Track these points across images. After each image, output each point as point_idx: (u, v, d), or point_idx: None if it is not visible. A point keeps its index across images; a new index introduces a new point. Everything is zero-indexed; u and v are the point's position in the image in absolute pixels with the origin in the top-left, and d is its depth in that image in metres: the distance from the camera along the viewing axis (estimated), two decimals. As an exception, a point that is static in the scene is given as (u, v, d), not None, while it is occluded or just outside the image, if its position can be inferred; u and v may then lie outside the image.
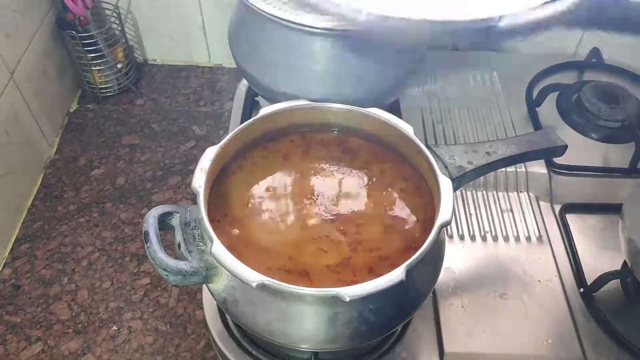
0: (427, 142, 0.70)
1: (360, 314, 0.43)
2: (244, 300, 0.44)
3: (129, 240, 0.84)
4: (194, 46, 1.10)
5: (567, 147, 0.56)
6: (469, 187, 0.69)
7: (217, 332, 0.55)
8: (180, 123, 1.02)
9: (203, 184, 0.46)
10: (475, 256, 0.63)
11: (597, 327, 0.57)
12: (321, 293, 0.41)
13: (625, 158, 0.71)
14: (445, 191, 0.46)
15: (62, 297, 0.77)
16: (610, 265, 0.62)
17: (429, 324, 0.56)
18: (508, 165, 0.58)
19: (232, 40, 0.66)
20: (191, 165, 0.95)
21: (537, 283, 0.61)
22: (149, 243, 0.44)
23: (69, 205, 0.88)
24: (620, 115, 0.74)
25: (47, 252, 0.82)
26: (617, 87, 0.78)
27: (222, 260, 0.41)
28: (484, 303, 0.59)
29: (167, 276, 0.44)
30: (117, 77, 1.04)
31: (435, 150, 0.53)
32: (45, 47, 0.94)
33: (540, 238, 0.65)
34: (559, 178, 0.70)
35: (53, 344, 0.73)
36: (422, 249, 0.42)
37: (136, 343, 0.73)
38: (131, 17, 1.06)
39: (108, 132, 1.00)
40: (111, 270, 0.80)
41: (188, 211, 0.47)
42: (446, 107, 0.79)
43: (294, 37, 0.58)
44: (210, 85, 1.09)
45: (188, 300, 0.77)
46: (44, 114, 0.94)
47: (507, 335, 0.56)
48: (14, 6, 0.85)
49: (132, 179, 0.92)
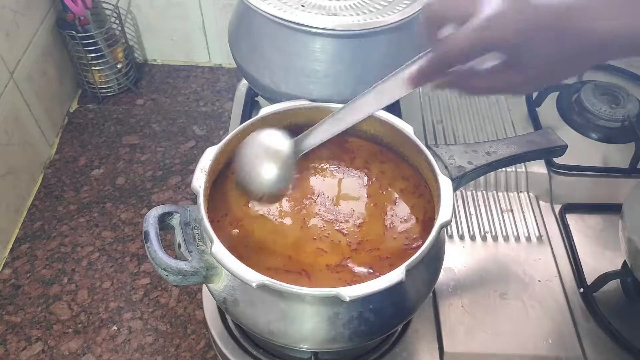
0: (427, 142, 0.70)
1: (360, 314, 0.43)
2: (244, 300, 0.44)
3: (129, 240, 0.84)
4: (194, 46, 1.10)
5: (567, 147, 0.56)
6: (469, 187, 0.69)
7: (217, 332, 0.55)
8: (180, 123, 1.02)
9: (203, 183, 0.46)
10: (475, 256, 0.63)
11: (597, 327, 0.57)
12: (321, 293, 0.41)
13: (625, 158, 0.71)
14: (445, 191, 0.46)
15: (62, 297, 0.77)
16: (610, 265, 0.62)
17: (429, 324, 0.56)
18: (508, 166, 0.58)
19: (232, 40, 0.66)
20: (191, 165, 0.95)
21: (537, 283, 0.61)
22: (149, 243, 0.44)
23: (69, 205, 0.88)
24: (620, 115, 0.74)
25: (47, 252, 0.82)
26: (617, 87, 0.78)
27: (222, 260, 0.41)
28: (484, 303, 0.59)
29: (167, 276, 0.44)
30: (117, 77, 1.04)
31: (435, 150, 0.53)
32: (45, 47, 0.94)
33: (540, 238, 0.65)
34: (559, 178, 0.70)
35: (53, 344, 0.73)
36: (422, 249, 0.42)
37: (136, 343, 0.73)
38: (131, 17, 1.06)
39: (108, 132, 1.00)
40: (111, 270, 0.80)
41: (188, 211, 0.48)
42: (446, 107, 0.79)
43: (294, 37, 0.58)
44: (210, 85, 1.09)
45: (188, 300, 0.77)
46: (44, 114, 0.94)
47: (507, 335, 0.56)
48: (14, 6, 0.85)
49: (132, 179, 0.92)
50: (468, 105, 0.79)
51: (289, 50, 0.59)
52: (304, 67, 0.59)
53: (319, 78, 0.60)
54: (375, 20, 0.58)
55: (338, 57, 0.59)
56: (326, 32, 0.56)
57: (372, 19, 0.59)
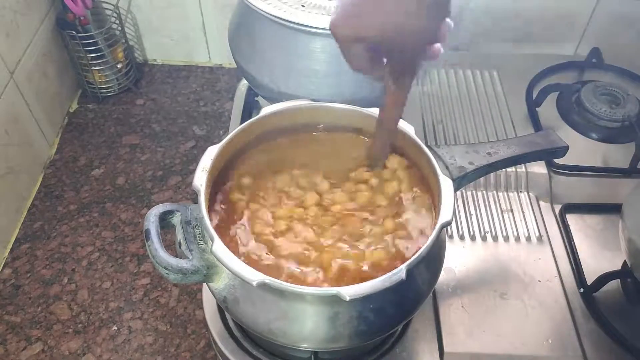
0: (427, 142, 0.70)
1: (360, 314, 0.43)
2: (244, 299, 0.44)
3: (129, 240, 0.84)
4: (194, 46, 1.10)
5: (568, 148, 0.56)
6: (469, 187, 0.69)
7: (217, 332, 0.55)
8: (180, 123, 1.02)
9: (204, 182, 0.46)
10: (475, 256, 0.63)
11: (597, 327, 0.57)
12: (321, 292, 0.41)
13: (625, 158, 0.71)
14: (446, 191, 0.46)
15: (62, 297, 0.77)
16: (610, 265, 0.62)
17: (429, 324, 0.56)
18: (509, 166, 0.58)
19: (232, 40, 0.66)
20: (191, 165, 0.95)
21: (537, 283, 0.61)
22: (150, 241, 0.44)
23: (69, 205, 0.88)
24: (620, 115, 0.74)
25: (47, 252, 0.82)
26: (617, 87, 0.78)
27: (223, 258, 0.41)
28: (484, 303, 0.59)
29: (167, 274, 0.44)
30: (117, 77, 1.04)
31: (436, 150, 0.53)
32: (45, 47, 0.94)
33: (540, 238, 0.65)
34: (559, 178, 0.70)
35: (53, 344, 0.73)
36: (422, 249, 0.42)
37: (136, 343, 0.73)
38: (131, 17, 1.06)
39: (108, 132, 1.00)
40: (111, 270, 0.80)
41: (189, 210, 0.48)
42: (446, 107, 0.79)
43: (294, 37, 0.58)
44: (210, 85, 1.09)
45: (188, 300, 0.77)
46: (44, 114, 0.94)
47: (507, 335, 0.56)
48: (14, 6, 0.85)
49: (132, 179, 0.92)
50: (468, 106, 0.79)
51: (289, 50, 0.59)
52: (304, 67, 0.59)
53: (319, 78, 0.60)
54: (376, 20, 0.58)
55: (338, 57, 0.58)
56: (326, 32, 0.56)
57: (372, 19, 0.58)
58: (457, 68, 0.84)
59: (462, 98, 0.80)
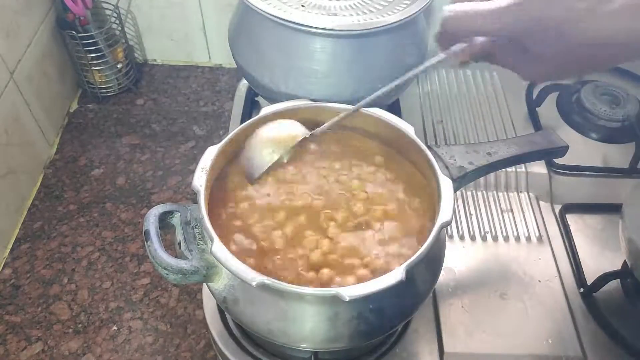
0: (427, 142, 0.70)
1: (360, 314, 0.43)
2: (244, 300, 0.44)
3: (129, 240, 0.84)
4: (194, 46, 1.10)
5: (568, 148, 0.56)
6: (469, 187, 0.69)
7: (217, 332, 0.55)
8: (180, 123, 1.02)
9: (204, 182, 0.46)
10: (475, 256, 0.63)
11: (597, 327, 0.57)
12: (321, 292, 0.41)
13: (625, 158, 0.71)
14: (446, 191, 0.46)
15: (62, 297, 0.77)
16: (610, 265, 0.62)
17: (429, 324, 0.56)
18: (509, 166, 0.59)
19: (232, 40, 0.66)
20: (191, 165, 0.95)
21: (537, 283, 0.61)
22: (150, 242, 0.44)
23: (69, 205, 0.88)
24: (620, 115, 0.74)
25: (47, 252, 0.82)
26: (617, 87, 0.78)
27: (223, 259, 0.41)
28: (484, 303, 0.59)
29: (167, 275, 0.44)
30: (117, 77, 1.04)
31: (436, 150, 0.53)
32: (45, 47, 0.94)
33: (540, 238, 0.65)
34: (559, 178, 0.70)
35: (53, 344, 0.73)
36: (422, 249, 0.42)
37: (136, 343, 0.73)
38: (131, 17, 1.06)
39: (108, 132, 1.00)
40: (111, 270, 0.80)
41: (189, 210, 0.48)
42: (446, 107, 0.79)
43: (294, 37, 0.58)
44: (210, 85, 1.09)
45: (188, 300, 0.77)
46: (44, 114, 0.94)
47: (507, 335, 0.56)
48: (14, 6, 0.85)
49: (132, 179, 0.92)
50: (468, 105, 0.79)
51: (289, 50, 0.59)
52: (304, 67, 0.59)
53: (319, 78, 0.60)
54: (375, 20, 0.58)
55: (338, 57, 0.59)
56: (326, 32, 0.56)
57: (372, 19, 0.59)
58: (457, 68, 0.84)
59: (462, 98, 0.80)
